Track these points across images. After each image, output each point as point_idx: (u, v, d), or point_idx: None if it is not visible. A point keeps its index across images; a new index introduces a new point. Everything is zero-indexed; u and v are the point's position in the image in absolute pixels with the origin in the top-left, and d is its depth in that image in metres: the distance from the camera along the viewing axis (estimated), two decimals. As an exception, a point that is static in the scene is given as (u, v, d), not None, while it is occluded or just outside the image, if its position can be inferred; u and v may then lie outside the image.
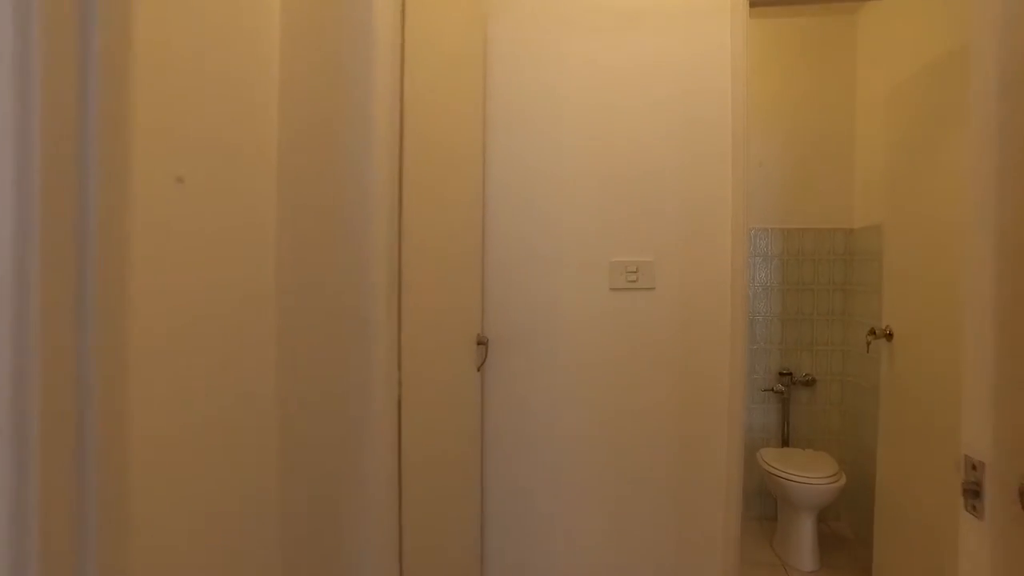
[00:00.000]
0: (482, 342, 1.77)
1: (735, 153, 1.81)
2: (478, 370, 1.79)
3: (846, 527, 3.13)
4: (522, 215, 1.84)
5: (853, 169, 3.15)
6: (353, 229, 1.17)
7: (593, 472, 1.84)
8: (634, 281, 1.73)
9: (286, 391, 1.05)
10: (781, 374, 3.18)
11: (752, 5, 1.90)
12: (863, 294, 3.01)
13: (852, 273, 3.14)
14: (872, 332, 2.36)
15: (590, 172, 1.83)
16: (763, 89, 3.19)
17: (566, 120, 1.88)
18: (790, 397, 3.18)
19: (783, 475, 2.68)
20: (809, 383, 3.17)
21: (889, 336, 2.33)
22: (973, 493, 0.69)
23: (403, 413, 1.31)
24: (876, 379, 2.82)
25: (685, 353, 1.75)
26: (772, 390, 3.19)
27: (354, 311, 1.18)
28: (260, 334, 1.00)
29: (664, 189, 1.80)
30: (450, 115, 1.61)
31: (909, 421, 2.24)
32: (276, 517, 1.04)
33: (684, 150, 1.82)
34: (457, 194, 1.66)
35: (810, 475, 2.64)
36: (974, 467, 0.70)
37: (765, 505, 3.22)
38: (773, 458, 2.83)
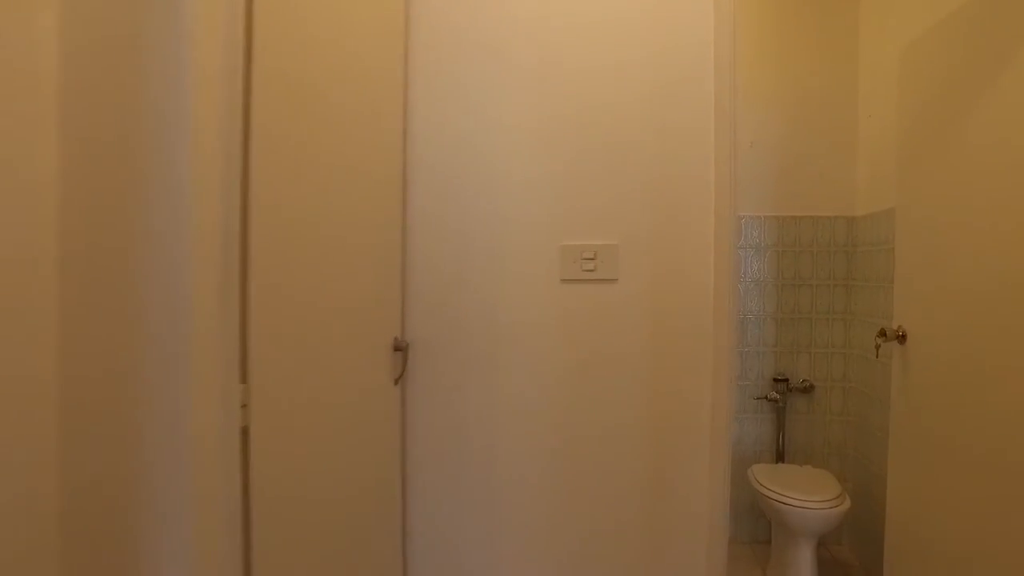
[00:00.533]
0: (400, 347, 1.41)
1: (719, 122, 1.45)
2: (396, 383, 1.43)
3: (850, 553, 2.78)
4: (453, 194, 1.48)
5: (856, 149, 2.80)
6: (149, 180, 0.80)
7: (541, 512, 1.48)
8: (591, 271, 1.37)
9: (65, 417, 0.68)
10: (775, 380, 2.83)
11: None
12: (868, 290, 2.66)
13: (856, 266, 2.79)
14: (882, 333, 2.00)
15: (540, 142, 1.46)
16: (754, 59, 2.83)
17: (511, 83, 1.52)
18: (786, 406, 2.83)
19: (778, 497, 2.32)
20: (807, 390, 2.82)
21: (902, 338, 1.98)
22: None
23: (253, 446, 0.95)
24: (884, 386, 2.47)
25: (657, 361, 1.38)
26: (765, 398, 2.83)
27: (159, 306, 0.81)
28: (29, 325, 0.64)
29: (631, 162, 1.44)
30: (347, 64, 1.25)
31: (927, 436, 1.89)
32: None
33: (656, 117, 1.46)
34: (360, 165, 1.30)
35: (808, 498, 2.29)
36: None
37: (758, 527, 2.87)
38: (766, 476, 2.48)
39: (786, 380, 2.82)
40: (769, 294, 2.86)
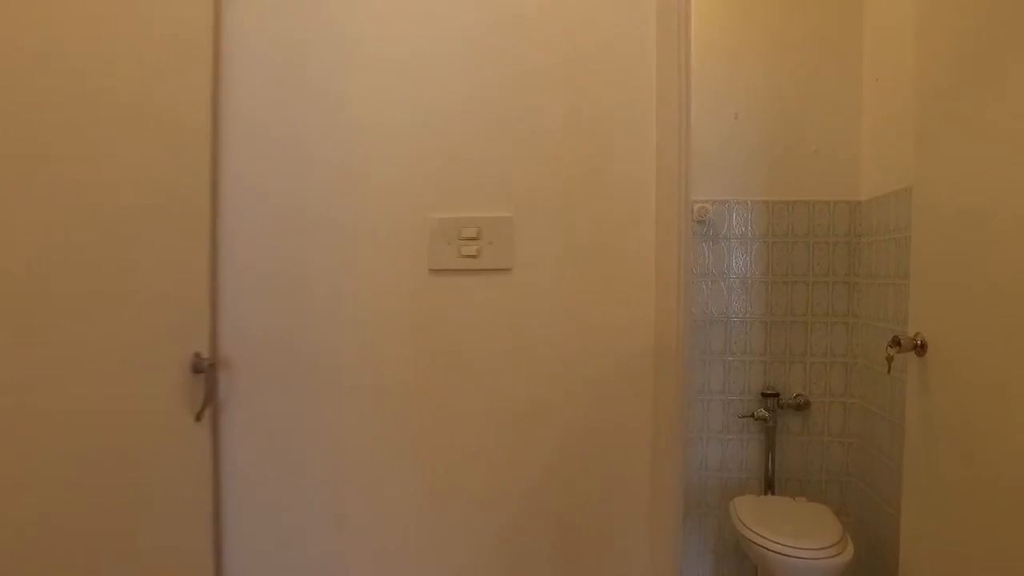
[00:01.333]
0: (203, 368, 0.97)
1: (663, 44, 1.00)
2: (198, 418, 0.99)
3: (851, 601, 2.34)
4: (286, 151, 1.02)
5: (860, 119, 2.35)
6: None
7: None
8: (473, 256, 0.91)
9: None
10: (764, 395, 2.39)
11: None
12: (875, 288, 2.22)
13: (860, 260, 2.35)
14: (895, 343, 1.56)
15: (409, 80, 1.01)
16: (736, 14, 2.39)
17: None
18: (776, 425, 2.39)
19: (764, 542, 1.88)
20: (801, 407, 2.38)
21: (920, 348, 1.54)
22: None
23: None
24: (894, 402, 2.03)
25: (573, 388, 0.93)
26: (752, 416, 2.39)
27: None
28: None
29: (537, 102, 0.99)
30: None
31: (954, 474, 1.46)
32: None
33: (572, 39, 1.00)
34: (121, 103, 0.86)
35: (801, 544, 1.85)
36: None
37: (743, 568, 2.43)
38: (752, 513, 2.04)
39: (776, 395, 2.38)
40: (757, 293, 2.42)
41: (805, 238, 2.39)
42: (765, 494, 2.37)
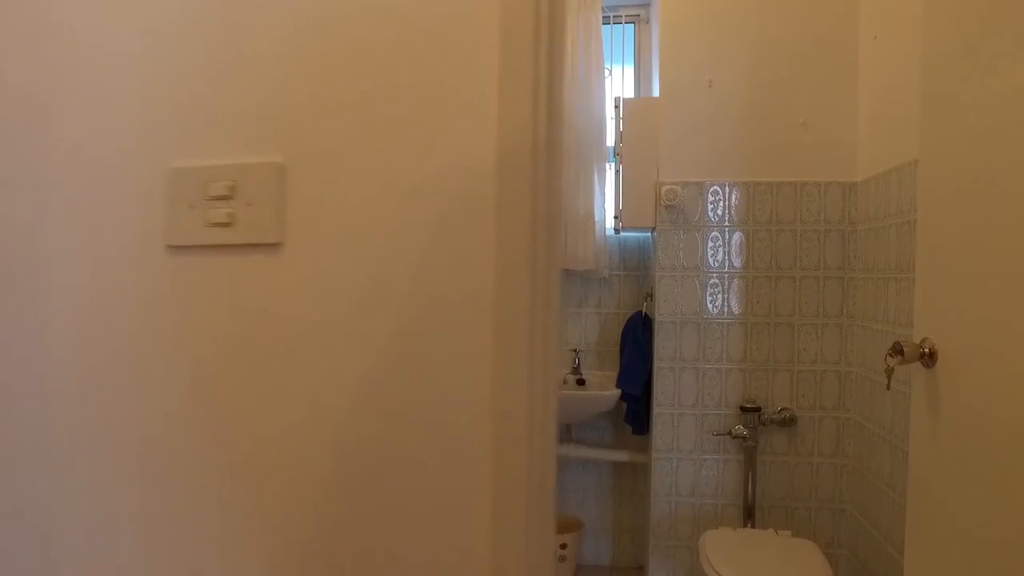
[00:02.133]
0: None
1: None
2: None
3: (845, 653, 2.00)
4: None
5: (856, 86, 2.01)
6: None
7: None
8: (228, 224, 0.57)
9: None
10: (744, 409, 2.04)
11: None
12: (873, 284, 1.88)
13: (856, 250, 2.01)
14: (897, 351, 1.22)
15: None
16: (715, -36, 2.06)
17: None
18: (757, 445, 2.04)
19: (736, 593, 1.54)
20: (787, 423, 2.04)
21: (929, 358, 1.20)
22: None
23: None
24: (897, 420, 1.69)
25: (373, 421, 0.58)
26: (729, 434, 2.05)
27: None
28: None
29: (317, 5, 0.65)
30: None
31: (970, 509, 1.12)
32: None
33: None
34: None
35: (782, 597, 1.50)
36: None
37: (719, 611, 2.08)
38: (724, 553, 1.69)
39: (758, 409, 2.03)
40: (736, 290, 2.07)
41: (791, 225, 2.05)
42: (744, 525, 2.03)
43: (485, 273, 0.56)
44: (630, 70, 2.59)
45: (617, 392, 2.20)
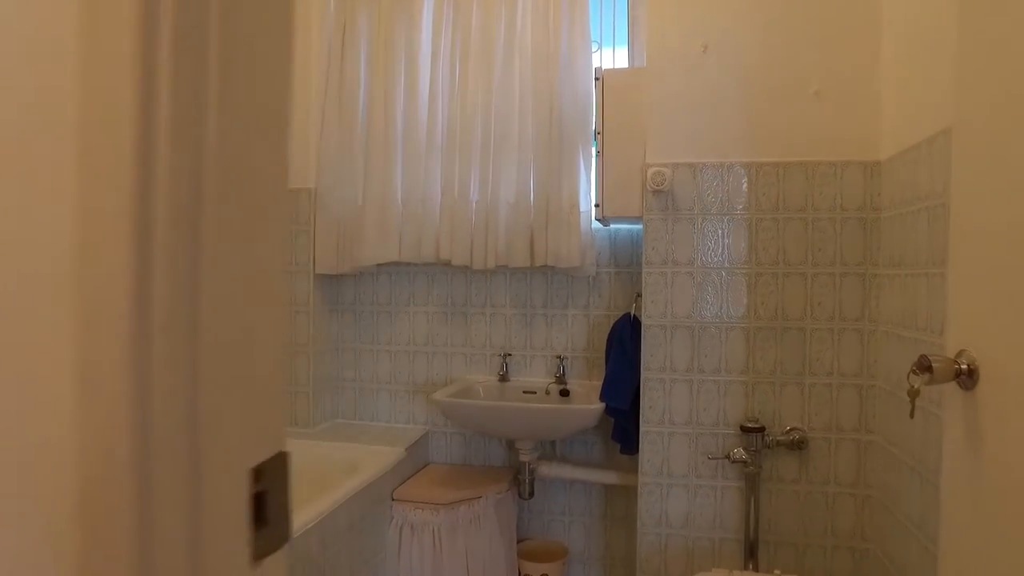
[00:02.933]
0: None
1: None
2: None
3: None
4: None
5: (877, 48, 1.69)
6: None
7: None
8: None
9: None
10: (745, 429, 1.74)
11: None
12: (900, 281, 1.57)
13: (880, 241, 1.69)
14: (923, 368, 0.92)
15: None
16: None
17: None
18: (761, 471, 1.74)
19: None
20: (797, 445, 1.73)
21: (967, 376, 0.90)
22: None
23: None
24: (929, 444, 1.39)
25: None
26: (727, 458, 1.75)
27: None
28: None
29: None
30: None
31: (1020, 562, 0.83)
32: None
33: None
34: None
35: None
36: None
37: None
38: (714, 608, 1.40)
39: (762, 429, 1.73)
40: (736, 288, 1.78)
41: (802, 213, 1.74)
42: (745, 566, 1.73)
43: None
44: (623, 53, 2.30)
45: (600, 406, 1.92)
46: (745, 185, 1.76)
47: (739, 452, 1.73)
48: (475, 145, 2.18)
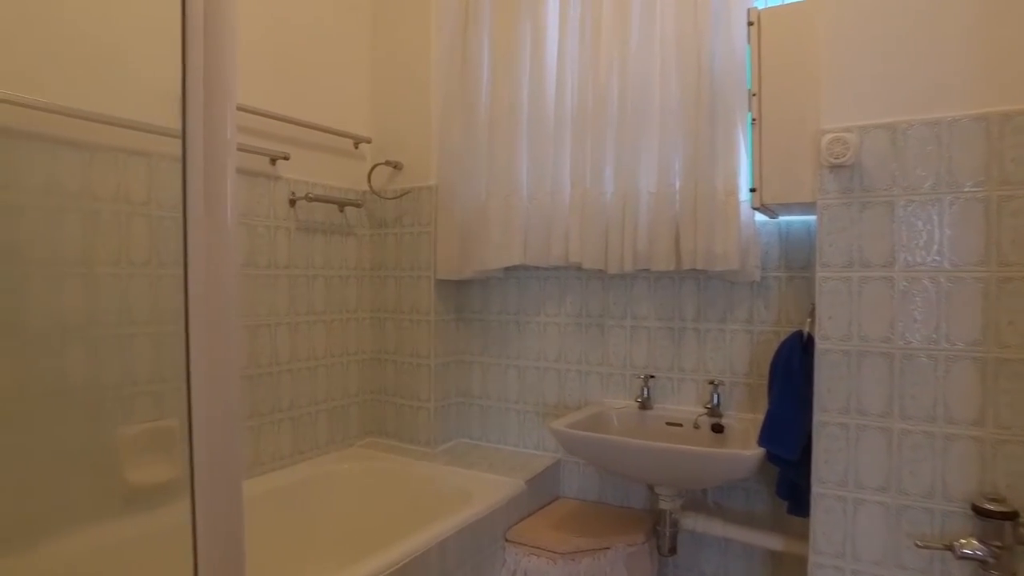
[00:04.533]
0: None
1: None
2: None
3: None
4: None
5: None
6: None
7: None
8: None
9: None
10: (983, 512, 1.17)
11: None
12: None
13: None
14: None
15: None
16: None
17: None
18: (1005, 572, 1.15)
19: None
20: (1076, 544, 1.11)
21: None
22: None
23: None
24: None
25: None
26: (951, 550, 1.19)
27: None
28: None
29: None
30: None
31: None
32: None
33: None
34: None
35: None
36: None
37: None
38: None
39: (1013, 516, 1.15)
40: (964, 300, 1.21)
41: (1084, 184, 1.13)
42: None
43: None
44: None
45: (759, 452, 1.47)
46: (981, 148, 1.20)
47: (969, 543, 1.16)
48: (610, 121, 1.85)
